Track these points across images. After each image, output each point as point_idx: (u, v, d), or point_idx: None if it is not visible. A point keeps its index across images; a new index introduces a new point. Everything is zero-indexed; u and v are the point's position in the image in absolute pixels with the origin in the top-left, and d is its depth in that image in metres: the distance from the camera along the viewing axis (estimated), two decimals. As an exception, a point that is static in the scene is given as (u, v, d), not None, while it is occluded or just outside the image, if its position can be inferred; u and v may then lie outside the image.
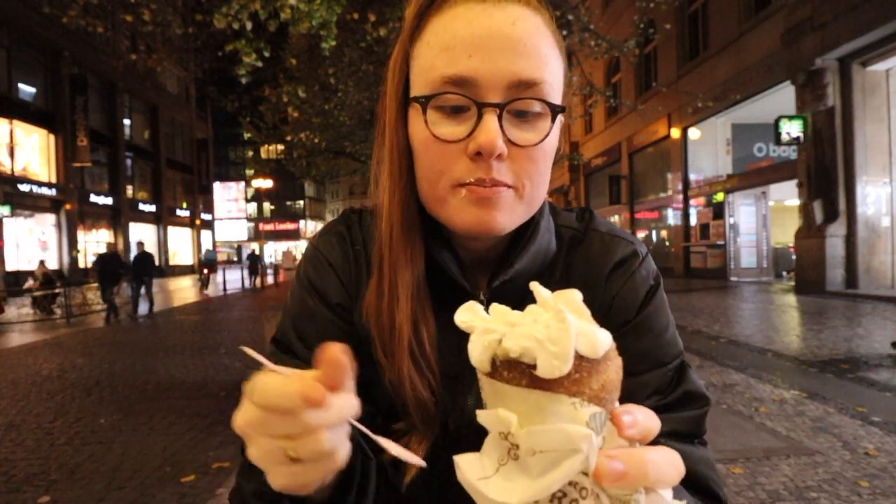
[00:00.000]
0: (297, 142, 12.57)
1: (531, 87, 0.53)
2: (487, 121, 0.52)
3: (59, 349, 8.37)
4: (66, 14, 6.85)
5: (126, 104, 28.88)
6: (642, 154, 20.02)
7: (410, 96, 0.58)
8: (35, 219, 22.19)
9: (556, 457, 0.30)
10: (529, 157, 0.55)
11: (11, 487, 3.31)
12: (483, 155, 0.52)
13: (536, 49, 0.54)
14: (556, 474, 0.29)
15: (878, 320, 7.83)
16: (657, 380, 0.62)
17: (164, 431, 4.22)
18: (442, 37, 0.55)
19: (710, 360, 5.76)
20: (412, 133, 0.58)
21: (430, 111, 0.55)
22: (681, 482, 0.56)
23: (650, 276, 0.67)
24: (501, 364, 0.32)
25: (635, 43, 9.86)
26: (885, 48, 9.79)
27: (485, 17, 0.53)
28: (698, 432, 0.62)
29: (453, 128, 0.54)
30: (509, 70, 0.53)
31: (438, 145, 0.54)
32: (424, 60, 0.56)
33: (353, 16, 7.14)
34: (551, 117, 0.55)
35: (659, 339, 0.64)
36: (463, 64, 0.53)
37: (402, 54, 0.60)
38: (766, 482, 2.98)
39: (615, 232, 0.69)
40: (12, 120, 20.34)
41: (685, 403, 0.62)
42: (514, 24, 0.53)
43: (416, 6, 0.59)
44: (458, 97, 0.53)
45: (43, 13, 20.36)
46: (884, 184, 10.73)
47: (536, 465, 0.30)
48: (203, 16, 7.05)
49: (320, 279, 0.66)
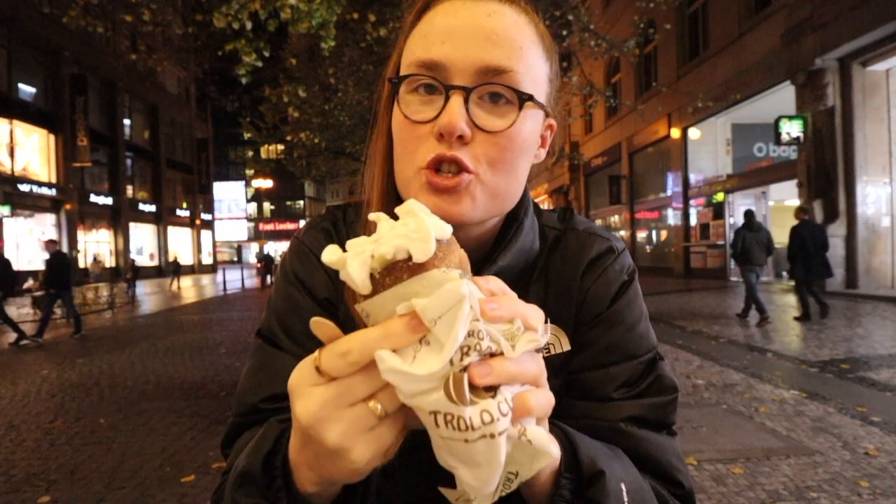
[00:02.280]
0: (297, 142, 12.56)
1: (500, 74, 0.54)
2: (452, 102, 0.53)
3: (59, 349, 8.37)
4: (66, 14, 6.85)
5: (126, 104, 28.89)
6: (642, 154, 20.02)
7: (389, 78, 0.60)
8: (35, 219, 22.19)
9: (451, 314, 0.35)
10: (495, 143, 0.55)
11: (11, 487, 3.31)
12: (445, 136, 0.53)
13: (510, 40, 0.55)
14: (457, 326, 0.35)
15: (878, 320, 7.83)
16: (627, 372, 0.62)
17: (164, 431, 4.22)
18: (423, 28, 0.58)
19: (709, 360, 5.76)
20: (392, 116, 0.60)
21: (405, 95, 0.57)
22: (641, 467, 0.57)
23: (624, 270, 0.67)
24: (381, 274, 0.37)
25: (635, 43, 9.86)
26: (885, 48, 9.79)
27: (463, 9, 0.56)
28: (666, 421, 0.62)
29: (423, 110, 0.55)
30: (479, 56, 0.54)
31: (410, 127, 0.56)
32: (408, 50, 0.59)
33: (353, 16, 7.14)
34: (519, 105, 0.55)
35: (630, 331, 0.64)
36: (436, 49, 0.55)
37: (398, 50, 0.63)
38: (766, 482, 2.98)
39: (592, 230, 0.70)
40: (12, 120, 20.34)
41: (652, 392, 0.62)
42: (489, 16, 0.55)
43: (413, 9, 0.62)
44: (427, 79, 0.55)
45: (43, 13, 20.47)
46: (884, 184, 10.73)
47: (441, 331, 0.35)
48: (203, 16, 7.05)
49: (308, 274, 0.66)
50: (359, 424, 0.37)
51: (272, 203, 65.73)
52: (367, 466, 0.38)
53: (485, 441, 0.35)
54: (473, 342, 0.36)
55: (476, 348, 0.36)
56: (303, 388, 0.38)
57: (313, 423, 0.37)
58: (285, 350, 0.63)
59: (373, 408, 0.37)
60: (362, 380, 0.37)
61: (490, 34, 0.55)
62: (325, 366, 0.37)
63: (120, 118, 27.90)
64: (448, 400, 0.35)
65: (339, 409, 0.37)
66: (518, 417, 0.38)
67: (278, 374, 0.61)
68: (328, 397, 0.37)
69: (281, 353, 0.63)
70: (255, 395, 0.61)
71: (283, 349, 0.64)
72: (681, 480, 0.60)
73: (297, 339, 0.63)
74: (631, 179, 20.84)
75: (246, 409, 0.62)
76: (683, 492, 0.60)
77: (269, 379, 0.62)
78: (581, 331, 0.65)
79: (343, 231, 0.70)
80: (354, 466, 0.38)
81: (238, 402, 0.63)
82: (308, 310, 0.64)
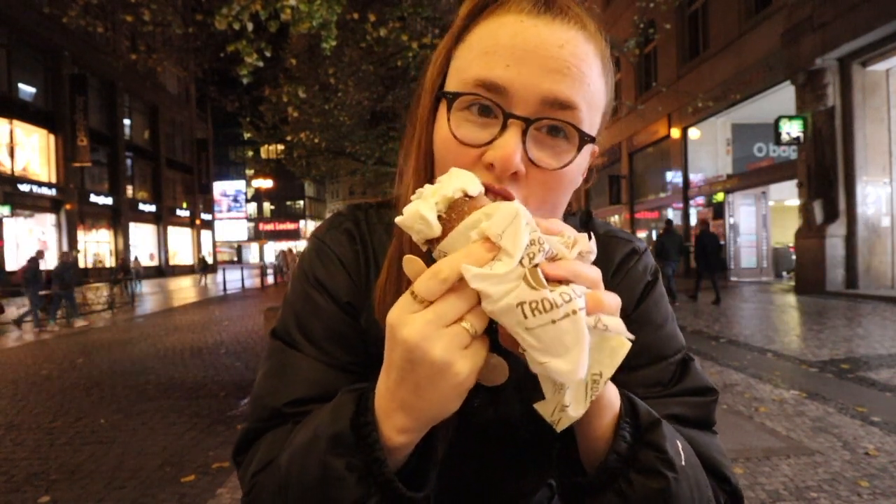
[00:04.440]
0: (297, 142, 12.57)
1: (565, 110, 0.51)
2: (510, 134, 0.50)
3: (59, 349, 8.37)
4: (66, 14, 6.86)
5: (126, 104, 28.88)
6: (642, 154, 20.02)
7: (441, 91, 0.57)
8: (35, 219, 22.18)
9: (513, 226, 0.41)
10: (546, 181, 0.52)
11: (11, 487, 3.31)
12: (496, 170, 0.50)
13: (581, 74, 0.52)
14: (519, 234, 0.41)
15: (878, 320, 7.83)
16: (658, 373, 0.62)
17: (164, 431, 4.22)
18: (485, 42, 0.53)
19: (710, 360, 5.76)
20: (437, 128, 0.57)
21: (457, 111, 0.53)
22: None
23: (647, 271, 0.67)
24: (447, 212, 0.44)
25: (635, 43, 9.86)
26: (885, 48, 9.79)
27: (533, 32, 0.51)
28: (708, 420, 0.62)
29: (475, 132, 0.52)
30: (546, 87, 0.50)
31: (457, 147, 0.53)
32: (463, 61, 0.55)
33: (353, 16, 7.14)
34: (578, 147, 0.53)
35: (658, 332, 0.65)
36: (499, 71, 0.51)
37: (445, 53, 0.59)
38: (766, 482, 2.98)
39: (612, 232, 0.70)
40: (12, 120, 20.34)
41: (691, 392, 0.62)
42: (561, 47, 0.51)
43: (468, 7, 0.57)
44: (486, 100, 0.51)
45: (43, 13, 20.43)
46: (884, 184, 10.73)
47: (507, 242, 0.41)
48: (203, 16, 7.05)
49: (330, 276, 0.64)
50: (457, 341, 0.42)
51: (272, 203, 65.73)
52: (467, 380, 0.42)
53: (569, 320, 0.39)
54: (536, 248, 0.41)
55: (540, 250, 0.42)
56: (404, 317, 0.42)
57: (420, 341, 0.41)
58: (305, 353, 0.61)
59: (467, 327, 0.42)
60: (455, 299, 0.41)
61: (561, 67, 0.51)
62: (421, 290, 0.42)
63: (120, 118, 27.89)
64: (530, 288, 0.40)
65: (439, 328, 0.41)
66: (591, 311, 0.42)
67: (300, 377, 0.59)
68: (429, 318, 0.41)
69: (301, 355, 0.61)
70: (278, 400, 0.58)
71: (302, 352, 0.61)
72: (728, 476, 0.59)
73: (316, 342, 0.61)
74: (631, 179, 20.84)
75: (267, 413, 0.59)
76: (731, 487, 0.59)
77: (291, 382, 0.59)
78: None
79: (365, 232, 0.67)
80: (458, 379, 0.42)
81: (257, 406, 0.60)
82: (329, 313, 0.62)
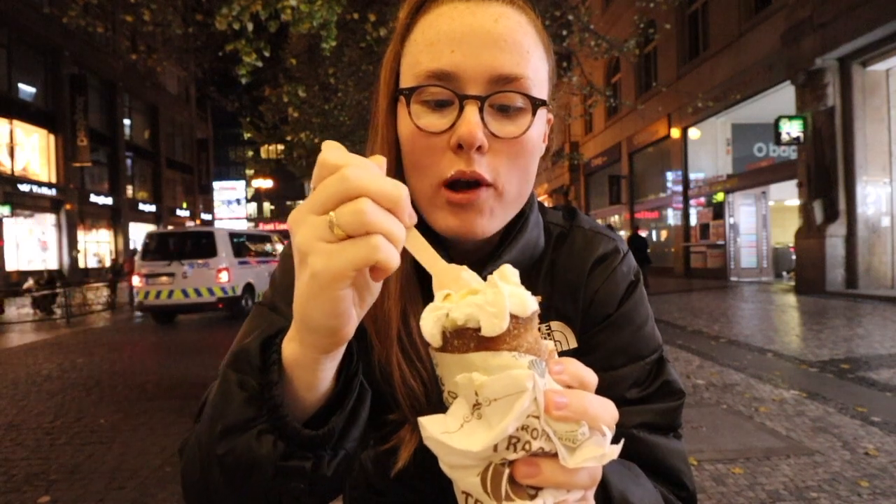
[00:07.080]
0: (297, 142, 12.58)
1: (512, 82, 0.55)
2: (468, 112, 0.53)
3: (59, 349, 8.37)
4: (66, 14, 6.86)
5: (126, 104, 28.87)
6: (642, 154, 20.03)
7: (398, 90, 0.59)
8: (35, 219, 22.17)
9: (508, 401, 0.34)
10: (510, 150, 0.56)
11: (11, 487, 3.31)
12: (464, 147, 0.53)
13: (518, 45, 0.55)
14: (510, 417, 0.33)
15: (878, 320, 7.83)
16: (636, 373, 0.64)
17: (164, 431, 4.22)
18: (427, 34, 0.56)
19: (709, 360, 5.76)
20: (400, 128, 0.59)
21: (415, 105, 0.56)
22: (651, 472, 0.59)
23: (630, 271, 0.68)
24: (451, 335, 0.37)
25: (635, 43, 9.86)
26: (885, 48, 9.79)
27: (468, 14, 0.55)
28: (673, 425, 0.64)
29: (436, 120, 0.55)
30: (491, 65, 0.54)
31: (423, 138, 0.55)
32: (411, 57, 0.58)
33: (353, 16, 7.14)
34: (532, 111, 0.56)
35: (638, 332, 0.66)
36: (446, 58, 0.54)
37: (394, 53, 0.62)
38: (766, 482, 2.98)
39: (597, 229, 0.71)
40: (12, 120, 20.34)
41: (662, 396, 0.64)
42: (496, 20, 0.55)
43: (407, 7, 0.60)
44: (440, 90, 0.54)
45: (43, 13, 20.45)
46: (884, 184, 10.73)
47: (494, 413, 0.34)
48: (203, 16, 7.06)
49: None
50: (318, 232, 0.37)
51: (272, 203, 65.71)
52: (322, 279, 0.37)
53: None
54: (525, 438, 0.34)
55: (525, 447, 0.34)
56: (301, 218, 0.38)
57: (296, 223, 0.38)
58: (286, 318, 0.59)
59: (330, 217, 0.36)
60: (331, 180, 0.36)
61: (499, 40, 0.54)
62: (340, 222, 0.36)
63: (120, 118, 27.88)
64: (482, 489, 0.34)
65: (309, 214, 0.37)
66: None
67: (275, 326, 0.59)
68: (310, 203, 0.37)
69: (281, 319, 0.61)
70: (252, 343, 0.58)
71: (283, 316, 0.61)
72: (685, 483, 0.62)
73: None
74: (631, 179, 20.85)
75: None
76: (688, 494, 0.62)
77: (267, 329, 0.58)
78: (589, 333, 0.66)
79: None
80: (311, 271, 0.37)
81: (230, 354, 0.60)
82: None
